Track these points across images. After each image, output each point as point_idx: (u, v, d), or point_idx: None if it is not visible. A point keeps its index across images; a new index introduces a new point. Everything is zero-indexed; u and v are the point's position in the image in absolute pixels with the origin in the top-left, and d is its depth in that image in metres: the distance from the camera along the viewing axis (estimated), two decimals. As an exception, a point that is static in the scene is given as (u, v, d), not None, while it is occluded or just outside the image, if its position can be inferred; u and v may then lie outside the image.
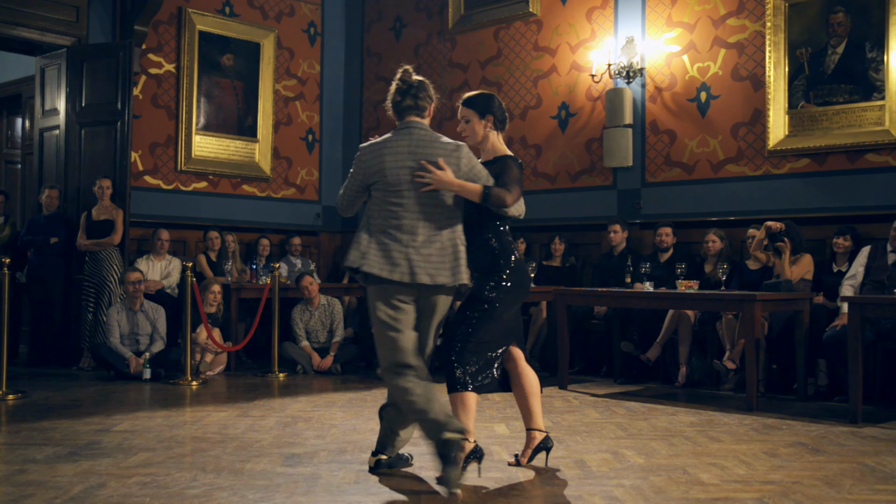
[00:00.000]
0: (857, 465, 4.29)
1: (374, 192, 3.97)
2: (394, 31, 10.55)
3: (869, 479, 4.00)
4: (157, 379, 7.30)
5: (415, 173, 3.88)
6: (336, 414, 5.68)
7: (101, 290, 8.08)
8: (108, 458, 4.32)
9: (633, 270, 7.44)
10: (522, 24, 9.28)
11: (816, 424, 5.43)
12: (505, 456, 4.43)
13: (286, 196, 10.48)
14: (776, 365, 6.95)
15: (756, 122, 7.67)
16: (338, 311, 8.26)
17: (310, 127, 10.76)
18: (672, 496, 3.67)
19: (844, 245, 6.78)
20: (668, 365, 7.50)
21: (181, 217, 9.48)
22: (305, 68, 10.71)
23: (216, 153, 9.79)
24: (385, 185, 3.92)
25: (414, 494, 3.70)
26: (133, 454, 4.40)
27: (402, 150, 3.93)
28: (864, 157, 7.12)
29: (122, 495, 3.61)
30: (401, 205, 3.89)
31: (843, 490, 3.77)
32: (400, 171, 3.89)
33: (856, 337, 5.49)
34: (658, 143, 8.24)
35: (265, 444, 4.71)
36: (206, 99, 9.71)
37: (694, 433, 5.11)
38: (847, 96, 7.17)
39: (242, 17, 10.05)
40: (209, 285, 8.06)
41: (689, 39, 8.08)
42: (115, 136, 8.55)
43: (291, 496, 3.63)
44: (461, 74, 9.80)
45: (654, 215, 8.19)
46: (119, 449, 4.53)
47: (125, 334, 7.56)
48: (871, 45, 7.04)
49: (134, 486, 3.77)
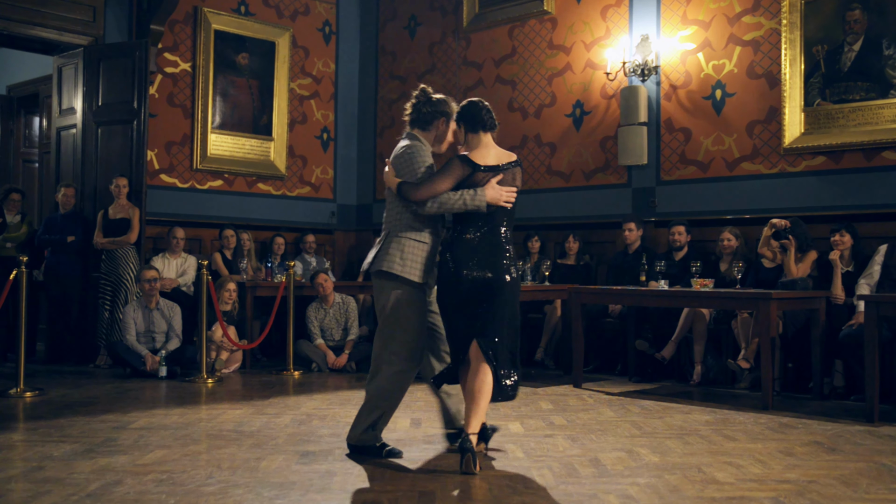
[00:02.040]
0: (874, 464, 4.26)
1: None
2: (408, 30, 10.56)
3: (886, 478, 3.98)
4: (172, 377, 7.34)
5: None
6: (351, 412, 5.67)
7: (117, 288, 8.13)
8: (124, 455, 4.35)
9: (648, 269, 7.43)
10: (537, 23, 9.26)
11: (832, 423, 5.40)
12: (520, 454, 4.44)
13: (301, 194, 10.50)
14: (791, 364, 6.92)
15: (771, 119, 7.64)
16: (352, 309, 8.28)
17: (325, 125, 10.78)
18: (687, 495, 3.66)
19: (842, 241, 6.70)
20: (683, 363, 7.48)
21: (197, 215, 9.52)
22: (320, 67, 10.74)
23: (231, 152, 9.83)
24: None
25: (428, 493, 3.70)
26: (149, 451, 4.43)
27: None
28: (881, 155, 7.08)
29: (138, 492, 3.64)
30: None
31: (860, 489, 3.76)
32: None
33: (872, 335, 5.46)
34: (673, 141, 8.22)
35: (280, 441, 4.73)
36: (221, 98, 9.75)
37: (709, 432, 5.10)
38: (863, 94, 7.13)
39: (258, 16, 10.09)
40: (224, 283, 8.09)
41: (705, 37, 8.05)
42: (132, 134, 8.60)
43: (307, 493, 3.65)
44: (476, 73, 9.79)
45: (669, 213, 8.17)
46: (135, 446, 4.56)
47: (141, 332, 7.60)
48: (888, 43, 6.99)
49: (150, 483, 3.79)
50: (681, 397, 6.52)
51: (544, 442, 4.75)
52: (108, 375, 7.53)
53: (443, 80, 10.10)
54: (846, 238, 6.70)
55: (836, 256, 6.67)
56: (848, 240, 6.70)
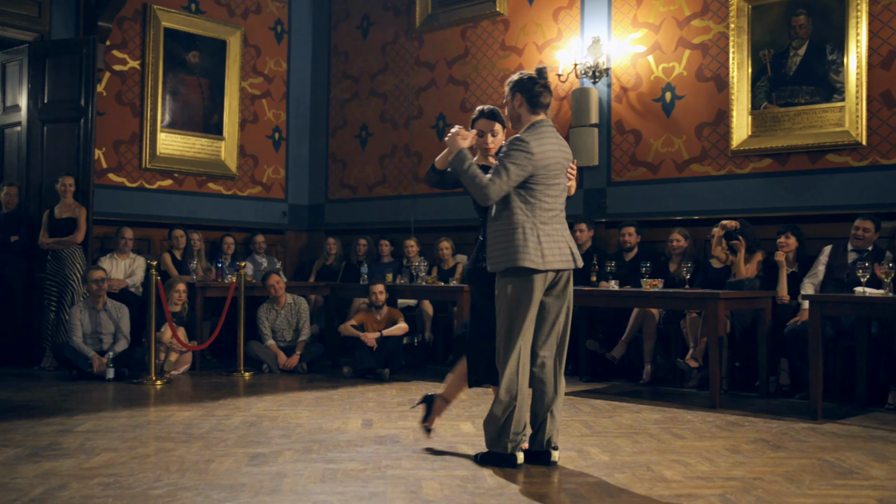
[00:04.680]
0: (817, 460, 4.35)
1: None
2: (361, 30, 10.53)
3: (828, 474, 4.06)
4: (120, 378, 7.23)
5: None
6: (302, 413, 5.67)
7: (63, 288, 7.99)
8: (69, 458, 4.27)
9: (599, 269, 7.49)
10: (489, 24, 9.30)
11: (778, 421, 5.50)
12: (471, 453, 4.45)
13: (252, 194, 10.42)
14: (738, 363, 7.03)
15: (720, 122, 7.75)
16: (304, 310, 8.23)
17: (276, 125, 10.71)
18: (636, 493, 3.70)
19: (787, 243, 6.84)
20: (633, 363, 7.56)
21: (146, 215, 9.41)
22: (272, 66, 10.66)
23: (181, 151, 9.72)
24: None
25: (378, 494, 3.70)
26: (95, 454, 4.36)
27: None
28: (825, 158, 7.22)
29: (83, 496, 3.58)
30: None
31: (804, 486, 3.83)
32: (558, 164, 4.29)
33: (816, 334, 5.56)
34: (623, 142, 8.30)
35: (230, 443, 4.69)
36: (171, 96, 9.63)
37: (658, 430, 5.16)
38: (808, 97, 7.27)
39: (208, 14, 9.98)
40: (174, 284, 8.00)
41: (655, 40, 8.15)
42: (79, 133, 8.45)
43: (256, 496, 3.62)
44: (428, 73, 9.80)
45: (619, 214, 8.25)
46: (81, 449, 4.48)
47: (88, 333, 7.48)
48: (831, 48, 7.14)
49: (96, 486, 3.73)
50: (631, 396, 6.59)
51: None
52: (53, 378, 7.39)
53: (395, 81, 10.10)
54: (791, 240, 6.84)
55: (781, 258, 6.80)
56: (793, 242, 6.84)
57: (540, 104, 4.27)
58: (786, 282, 6.76)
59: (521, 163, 4.10)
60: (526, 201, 4.17)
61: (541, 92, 4.26)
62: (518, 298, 4.14)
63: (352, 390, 6.77)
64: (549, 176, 4.19)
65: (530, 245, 4.10)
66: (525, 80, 4.29)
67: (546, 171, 4.17)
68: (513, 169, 4.09)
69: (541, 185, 4.17)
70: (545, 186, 4.19)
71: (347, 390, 6.77)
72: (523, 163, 4.10)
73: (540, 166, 4.14)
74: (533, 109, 4.28)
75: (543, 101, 4.28)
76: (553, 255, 4.16)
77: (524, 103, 4.28)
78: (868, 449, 4.65)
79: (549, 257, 4.14)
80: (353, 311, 8.52)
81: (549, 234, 4.18)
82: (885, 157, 6.93)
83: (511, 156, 4.11)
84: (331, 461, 4.26)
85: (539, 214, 4.18)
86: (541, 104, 4.28)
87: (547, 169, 4.17)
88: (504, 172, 4.09)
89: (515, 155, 4.11)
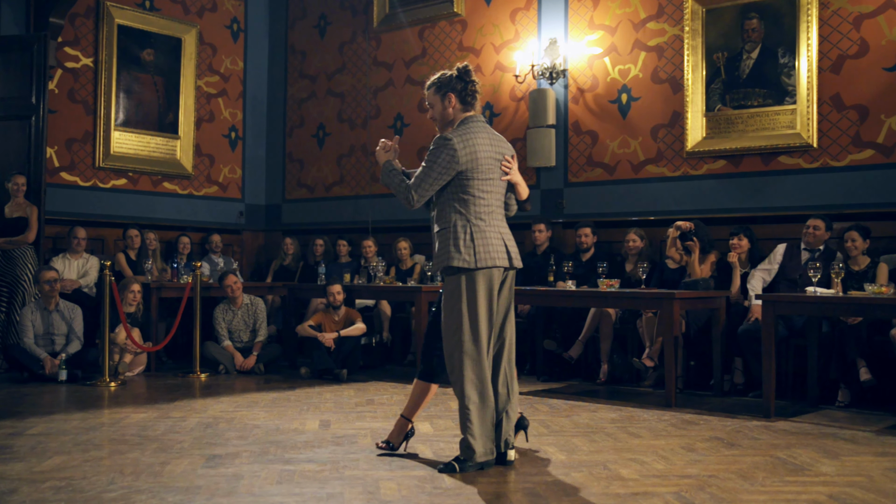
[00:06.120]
0: (770, 457, 4.42)
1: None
2: (318, 29, 10.48)
3: (780, 471, 4.13)
4: (73, 380, 7.11)
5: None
6: (259, 414, 5.63)
7: (14, 289, 7.84)
8: (20, 462, 4.20)
9: (556, 269, 7.54)
10: (447, 24, 9.31)
11: (732, 419, 5.58)
12: (430, 454, 4.45)
13: (208, 194, 10.33)
14: (694, 362, 7.12)
15: (675, 123, 7.84)
16: (261, 311, 8.17)
17: (233, 124, 10.62)
18: (593, 492, 3.73)
19: (740, 245, 6.96)
20: (590, 362, 7.62)
21: (99, 214, 9.28)
22: (228, 65, 10.57)
23: (136, 150, 9.60)
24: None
25: (336, 495, 3.68)
26: (47, 458, 4.29)
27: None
28: (778, 160, 7.34)
29: (35, 500, 3.52)
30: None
31: (757, 482, 3.89)
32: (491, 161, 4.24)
33: (769, 334, 5.65)
34: (580, 143, 8.36)
35: (186, 445, 4.64)
36: (125, 94, 9.51)
37: (615, 429, 5.21)
38: (761, 100, 7.39)
39: (163, 11, 9.87)
40: (128, 284, 7.89)
41: (611, 42, 8.22)
42: (30, 131, 8.30)
43: (212, 498, 3.58)
44: (386, 73, 9.78)
45: (576, 215, 8.31)
46: (32, 452, 4.41)
47: (40, 335, 7.36)
48: (783, 52, 7.26)
49: (48, 490, 3.67)
50: (588, 396, 6.64)
51: (454, 442, 4.76)
52: (3, 380, 7.25)
53: (353, 80, 10.07)
54: (743, 242, 6.95)
55: (734, 259, 6.90)
56: (745, 243, 6.96)
57: (473, 98, 4.29)
58: (739, 282, 6.87)
59: (444, 163, 4.11)
60: (460, 199, 4.17)
61: (472, 83, 4.27)
62: (459, 297, 4.13)
63: (309, 391, 6.74)
64: (482, 171, 4.17)
65: (461, 244, 4.10)
66: (454, 77, 4.29)
67: (476, 165, 4.15)
68: (434, 171, 4.12)
69: (473, 181, 4.15)
70: (478, 181, 4.16)
71: (305, 391, 6.74)
72: (446, 163, 4.11)
73: (467, 162, 4.13)
74: (465, 106, 4.29)
75: (475, 94, 4.29)
76: (487, 254, 4.13)
77: (456, 101, 4.28)
78: (819, 446, 4.74)
79: (482, 255, 4.11)
80: (310, 312, 8.48)
81: (482, 231, 4.15)
82: (835, 159, 7.06)
83: (433, 157, 4.14)
84: (288, 462, 4.23)
85: (474, 211, 4.16)
86: (473, 98, 4.29)
87: (477, 164, 4.15)
88: (425, 176, 4.14)
89: (437, 155, 4.13)
